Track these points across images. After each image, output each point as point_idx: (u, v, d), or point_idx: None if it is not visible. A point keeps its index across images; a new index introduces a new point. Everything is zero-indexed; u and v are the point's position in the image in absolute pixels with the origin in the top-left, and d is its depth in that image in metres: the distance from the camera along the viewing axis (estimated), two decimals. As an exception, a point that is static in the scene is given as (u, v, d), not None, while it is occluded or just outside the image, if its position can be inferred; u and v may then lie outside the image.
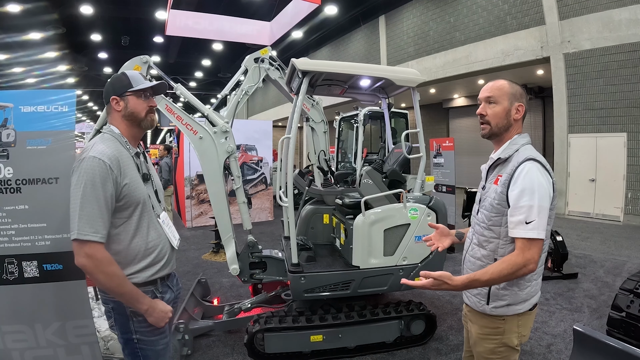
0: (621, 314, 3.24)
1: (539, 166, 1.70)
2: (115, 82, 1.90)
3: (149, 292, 1.84)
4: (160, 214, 1.97)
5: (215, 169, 3.60)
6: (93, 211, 1.63)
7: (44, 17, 14.76)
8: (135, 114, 1.89)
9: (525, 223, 1.64)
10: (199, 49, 20.76)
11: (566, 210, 11.01)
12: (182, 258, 6.93)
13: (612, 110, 10.01)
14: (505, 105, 1.81)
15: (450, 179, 7.40)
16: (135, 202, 1.80)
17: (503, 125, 1.83)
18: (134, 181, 1.80)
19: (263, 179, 10.55)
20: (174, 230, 2.08)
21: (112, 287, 1.71)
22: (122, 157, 1.78)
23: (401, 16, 16.21)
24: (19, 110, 2.52)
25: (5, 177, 2.48)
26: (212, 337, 3.85)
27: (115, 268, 1.68)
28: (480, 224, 1.88)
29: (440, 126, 19.69)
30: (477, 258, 1.87)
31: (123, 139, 1.87)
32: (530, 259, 1.63)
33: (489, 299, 1.81)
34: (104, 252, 1.67)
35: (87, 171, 1.65)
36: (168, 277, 2.00)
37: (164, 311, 1.82)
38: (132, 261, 1.80)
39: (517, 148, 1.79)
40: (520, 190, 1.66)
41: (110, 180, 1.68)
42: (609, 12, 9.71)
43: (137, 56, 3.45)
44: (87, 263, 1.64)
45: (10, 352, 2.56)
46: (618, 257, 6.80)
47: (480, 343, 1.88)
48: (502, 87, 1.83)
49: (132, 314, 1.80)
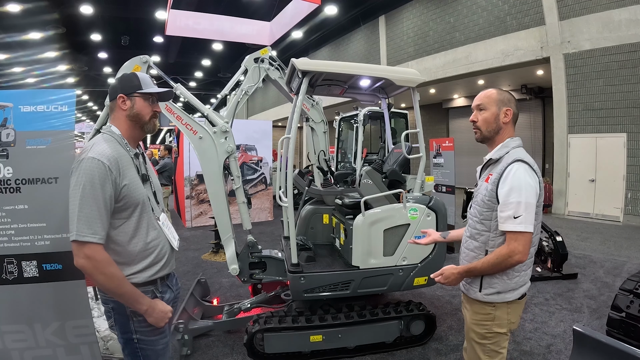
0: (621, 315, 3.25)
1: (527, 167, 1.87)
2: (125, 81, 1.90)
3: (149, 292, 1.84)
4: (159, 216, 1.97)
5: (215, 169, 3.60)
6: (92, 212, 1.63)
7: (44, 17, 14.75)
8: (141, 116, 1.89)
9: (513, 217, 1.81)
10: (199, 49, 20.76)
11: (566, 211, 10.97)
12: (182, 258, 6.92)
13: (612, 111, 10.02)
14: (493, 111, 2.00)
15: (450, 179, 7.39)
16: (135, 203, 1.79)
17: (493, 129, 2.01)
18: (133, 182, 1.80)
19: (263, 179, 10.55)
20: (173, 231, 2.08)
21: (112, 288, 1.71)
22: (121, 158, 1.77)
23: (401, 16, 16.22)
24: (18, 110, 2.53)
25: (5, 176, 2.48)
26: (211, 337, 3.85)
27: (114, 269, 1.69)
28: (473, 218, 2.07)
29: (440, 126, 19.69)
30: (470, 249, 2.06)
31: (123, 140, 1.86)
32: (514, 249, 1.81)
33: (481, 286, 1.98)
34: (103, 253, 1.67)
35: (86, 172, 1.65)
36: (168, 277, 2.00)
37: (164, 311, 1.82)
38: (132, 262, 1.80)
39: (507, 150, 1.96)
40: (509, 189, 1.83)
41: (109, 181, 1.68)
42: (608, 12, 9.72)
43: (137, 56, 3.45)
44: (86, 264, 1.64)
45: (10, 352, 2.55)
46: (618, 257, 6.81)
47: (473, 328, 2.04)
48: (490, 95, 2.02)
49: (132, 314, 1.80)
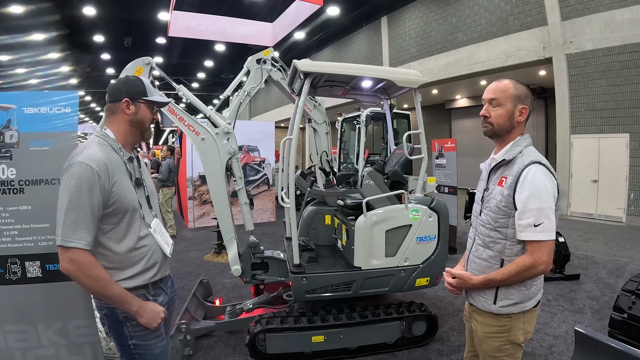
0: (623, 315, 3.22)
1: (544, 169, 1.71)
2: (131, 85, 1.86)
3: (140, 295, 1.80)
4: (151, 222, 1.91)
5: (217, 170, 3.60)
6: (78, 218, 1.61)
7: (47, 18, 14.82)
8: (143, 122, 1.88)
9: (534, 226, 1.66)
10: (202, 49, 20.81)
11: (568, 211, 10.99)
12: (184, 259, 6.95)
13: (615, 111, 9.99)
14: (508, 108, 1.80)
15: (452, 180, 7.37)
16: (125, 208, 1.76)
17: (506, 127, 1.83)
18: (123, 187, 1.76)
19: (265, 179, 10.59)
20: (167, 236, 2.04)
21: (99, 290, 1.68)
22: (111, 162, 1.73)
23: (403, 17, 16.21)
24: (22, 111, 2.54)
25: (9, 177, 2.50)
26: (213, 337, 3.86)
27: (99, 271, 1.66)
28: (485, 225, 1.87)
29: (442, 127, 19.67)
30: (483, 259, 1.88)
31: (117, 144, 1.82)
32: (538, 259, 1.66)
33: (496, 298, 1.82)
34: (89, 256, 1.64)
35: (74, 177, 1.63)
36: (161, 280, 1.96)
37: (156, 311, 1.79)
38: (120, 268, 1.76)
39: (520, 150, 1.79)
40: (528, 194, 1.67)
41: (97, 187, 1.65)
42: (611, 12, 9.70)
43: (140, 58, 3.46)
44: (70, 268, 1.62)
45: (13, 351, 2.56)
46: (620, 258, 6.79)
47: (486, 342, 1.89)
48: (506, 89, 1.82)
49: (125, 318, 1.77)
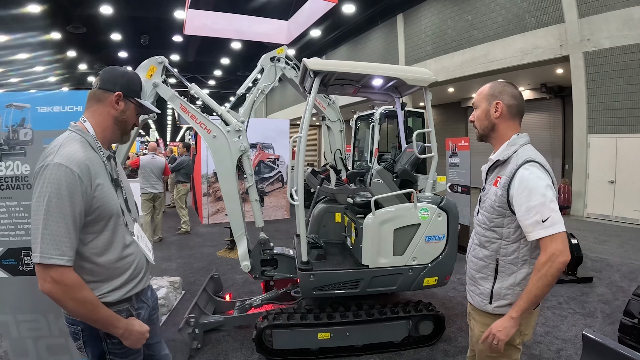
0: (633, 321, 3.15)
1: (538, 166, 1.71)
2: (130, 79, 1.72)
3: (124, 310, 1.66)
4: (133, 228, 1.77)
5: (228, 167, 3.64)
6: (58, 230, 1.41)
7: (65, 17, 15.10)
8: (127, 123, 1.75)
9: (541, 222, 1.64)
10: (218, 47, 20.96)
11: (584, 213, 10.73)
12: (197, 254, 7.06)
13: (633, 111, 9.78)
14: (483, 107, 1.89)
15: (465, 179, 7.32)
16: (108, 214, 1.59)
17: (486, 126, 1.89)
18: (106, 192, 1.59)
19: (280, 177, 10.63)
20: (147, 241, 1.89)
21: (85, 314, 1.50)
22: (92, 163, 1.55)
23: (419, 14, 16.09)
24: (35, 110, 2.70)
25: (23, 173, 2.66)
26: (222, 332, 3.93)
27: (86, 293, 1.47)
28: (481, 225, 1.90)
29: (458, 125, 19.43)
30: (479, 258, 1.91)
31: (97, 142, 1.64)
32: (554, 251, 1.64)
33: (491, 298, 1.83)
34: (73, 275, 1.45)
35: (51, 182, 1.42)
36: (142, 291, 1.82)
37: (141, 332, 1.65)
38: (106, 279, 1.61)
39: (515, 149, 1.79)
40: (527, 193, 1.66)
41: (78, 192, 1.46)
42: (628, 9, 9.50)
43: (153, 57, 3.51)
44: (53, 290, 1.41)
45: (24, 340, 2.71)
46: (635, 261, 6.65)
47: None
48: (481, 91, 1.92)
49: (105, 335, 1.63)
